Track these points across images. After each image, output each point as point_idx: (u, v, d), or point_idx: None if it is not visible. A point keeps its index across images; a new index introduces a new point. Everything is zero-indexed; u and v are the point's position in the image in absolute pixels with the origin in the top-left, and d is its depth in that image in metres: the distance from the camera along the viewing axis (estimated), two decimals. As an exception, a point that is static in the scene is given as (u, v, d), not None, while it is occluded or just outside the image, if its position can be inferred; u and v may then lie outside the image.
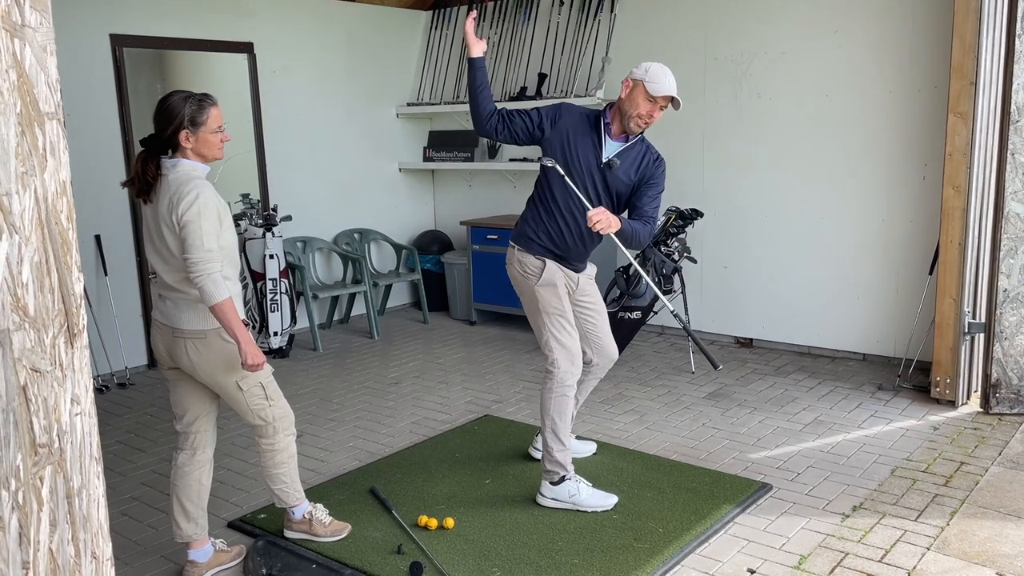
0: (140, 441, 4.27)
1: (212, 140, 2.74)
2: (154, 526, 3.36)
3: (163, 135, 2.71)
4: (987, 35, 4.05)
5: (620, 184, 3.35)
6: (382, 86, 6.85)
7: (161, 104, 2.72)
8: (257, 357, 2.71)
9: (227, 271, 2.73)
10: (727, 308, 5.75)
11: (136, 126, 5.37)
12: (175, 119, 2.69)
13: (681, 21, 5.61)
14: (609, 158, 3.30)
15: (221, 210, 2.73)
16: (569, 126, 3.35)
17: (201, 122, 2.71)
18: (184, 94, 2.73)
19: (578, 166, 3.32)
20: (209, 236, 2.64)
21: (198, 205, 2.64)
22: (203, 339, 2.76)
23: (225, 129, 2.79)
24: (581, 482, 3.37)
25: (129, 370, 5.36)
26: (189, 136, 2.70)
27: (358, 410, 4.63)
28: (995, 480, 3.50)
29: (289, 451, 3.03)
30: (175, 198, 2.66)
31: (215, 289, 2.61)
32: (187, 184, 2.67)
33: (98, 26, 5.13)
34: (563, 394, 3.36)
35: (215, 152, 2.77)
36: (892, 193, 5.00)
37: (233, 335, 2.68)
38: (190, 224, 2.62)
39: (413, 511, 3.34)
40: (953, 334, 4.33)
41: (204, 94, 2.77)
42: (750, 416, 4.36)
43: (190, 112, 2.69)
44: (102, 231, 5.22)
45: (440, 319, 6.74)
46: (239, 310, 2.75)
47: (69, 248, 1.08)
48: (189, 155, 2.73)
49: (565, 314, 3.39)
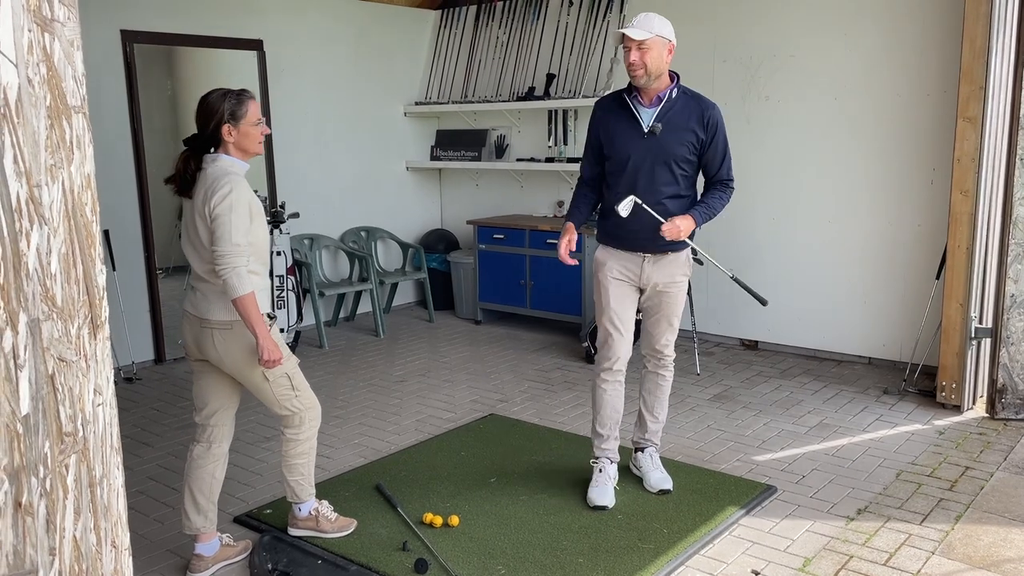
0: (146, 436, 4.29)
1: (253, 132, 2.81)
2: (160, 520, 3.37)
3: (205, 131, 2.79)
4: (997, 39, 4.05)
5: (677, 147, 3.18)
6: (390, 84, 6.87)
7: (202, 102, 2.80)
8: (274, 353, 2.75)
9: (254, 266, 2.79)
10: (733, 310, 5.75)
11: (146, 122, 5.40)
12: (216, 114, 2.76)
13: (690, 23, 5.62)
14: (650, 125, 3.19)
15: (254, 207, 2.79)
16: (603, 118, 3.31)
17: (241, 115, 2.78)
18: (222, 91, 2.81)
19: (625, 151, 3.23)
20: (238, 231, 2.70)
21: (230, 200, 2.70)
22: (229, 330, 2.80)
23: (263, 122, 2.86)
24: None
25: (136, 365, 5.38)
26: (231, 130, 2.77)
27: (363, 407, 4.65)
28: (1000, 485, 3.50)
29: (311, 443, 3.07)
30: (209, 191, 2.72)
31: (238, 283, 2.67)
32: (222, 179, 2.74)
33: (109, 22, 5.15)
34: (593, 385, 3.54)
35: (255, 145, 2.84)
36: (900, 197, 5.00)
37: (252, 329, 2.72)
38: (220, 217, 2.69)
39: (418, 508, 3.35)
40: (960, 339, 4.34)
41: (242, 89, 2.85)
42: (755, 418, 4.37)
43: (230, 107, 2.77)
44: (111, 226, 5.24)
45: (445, 318, 6.75)
46: (265, 304, 2.82)
47: (93, 240, 1.09)
48: (231, 150, 2.81)
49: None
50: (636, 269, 3.34)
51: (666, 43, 3.14)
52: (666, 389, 3.55)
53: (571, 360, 5.45)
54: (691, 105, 3.22)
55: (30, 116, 0.96)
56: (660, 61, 3.12)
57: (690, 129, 3.20)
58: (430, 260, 6.83)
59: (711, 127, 3.21)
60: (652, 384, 3.54)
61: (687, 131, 3.20)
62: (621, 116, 3.26)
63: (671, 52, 3.17)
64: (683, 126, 3.20)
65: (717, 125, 3.22)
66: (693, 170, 3.29)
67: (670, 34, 3.15)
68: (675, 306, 3.40)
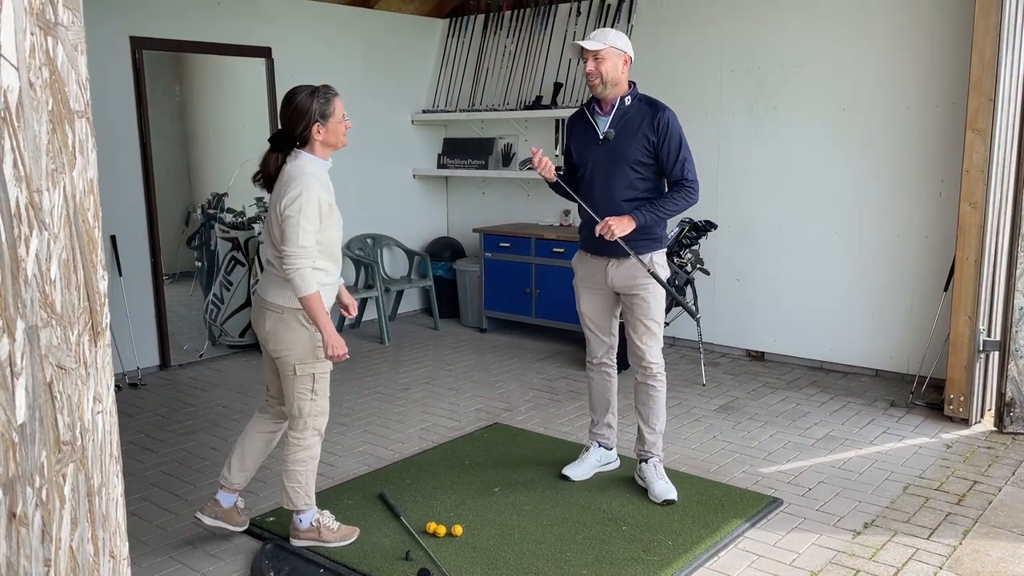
0: (151, 442, 4.28)
1: (339, 129, 2.96)
2: (163, 527, 3.36)
3: (294, 132, 2.91)
4: (1007, 51, 4.03)
5: (630, 151, 3.33)
6: (398, 93, 6.88)
7: (289, 103, 2.93)
8: (338, 349, 2.89)
9: (323, 263, 2.92)
10: (740, 321, 5.73)
11: (154, 128, 5.41)
12: (306, 115, 2.89)
13: (698, 33, 5.62)
14: (604, 132, 3.37)
15: (324, 207, 2.88)
16: (571, 129, 3.54)
17: (330, 114, 2.92)
18: (308, 89, 2.93)
19: (585, 158, 3.44)
20: (306, 233, 2.81)
21: (300, 202, 2.81)
22: (280, 314, 2.93)
23: (347, 118, 3.00)
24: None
25: (141, 370, 5.38)
26: (320, 129, 2.91)
27: (368, 415, 4.63)
28: (1008, 500, 3.47)
29: (312, 452, 3.09)
30: (283, 190, 2.86)
31: (303, 284, 2.82)
32: (296, 179, 2.85)
33: (118, 28, 5.17)
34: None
35: (341, 140, 2.98)
36: (908, 208, 4.98)
37: (317, 325, 2.88)
38: (290, 219, 2.81)
39: (422, 518, 3.33)
40: (968, 352, 4.30)
41: (325, 86, 2.98)
42: (761, 430, 4.34)
43: (319, 107, 2.90)
44: (118, 232, 5.25)
45: (451, 326, 6.74)
46: (330, 300, 2.99)
47: (95, 246, 1.08)
48: (316, 148, 2.93)
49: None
50: (601, 273, 3.50)
51: (621, 54, 3.34)
52: (658, 399, 3.53)
53: (576, 369, 5.42)
54: (644, 110, 3.37)
55: (31, 120, 0.95)
56: (616, 71, 3.33)
57: (642, 133, 3.34)
58: (436, 268, 6.83)
59: (662, 129, 3.31)
60: (643, 395, 3.56)
61: (639, 135, 3.34)
62: (583, 126, 3.49)
63: (627, 63, 3.38)
64: (635, 130, 3.35)
65: (668, 126, 3.32)
66: (651, 173, 3.38)
67: (625, 46, 3.36)
68: (644, 310, 3.44)
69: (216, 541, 3.23)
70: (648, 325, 3.45)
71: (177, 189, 6.60)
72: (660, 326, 3.49)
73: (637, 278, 3.41)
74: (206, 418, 4.63)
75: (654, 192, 3.40)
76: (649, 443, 3.57)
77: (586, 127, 3.45)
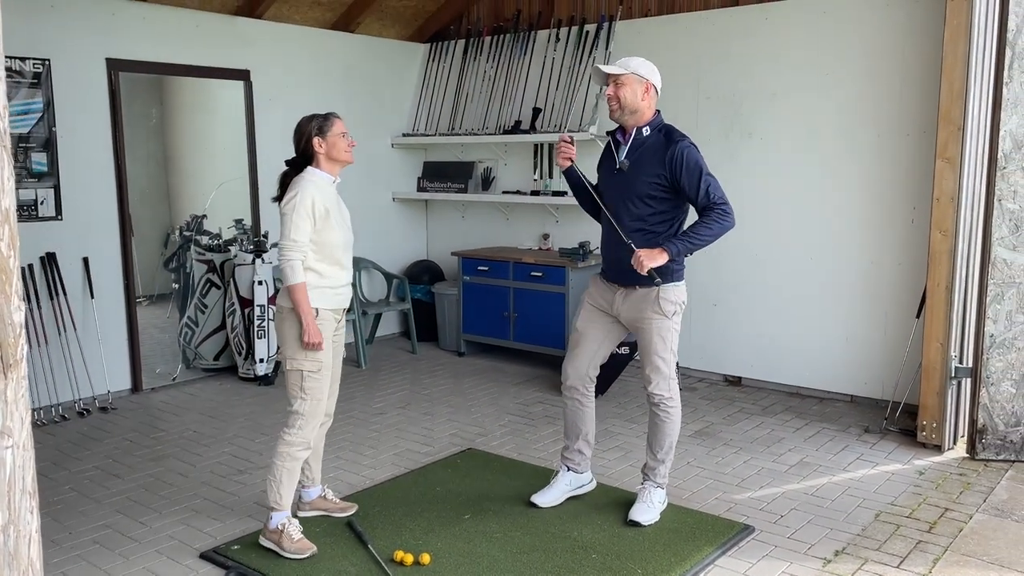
0: (117, 467, 4.22)
1: (339, 142, 3.26)
2: (124, 555, 3.30)
3: (299, 146, 3.27)
4: (975, 82, 4.09)
5: (642, 184, 3.28)
6: (378, 116, 6.89)
7: (295, 128, 3.29)
8: (314, 337, 3.15)
9: (318, 264, 3.20)
10: (716, 346, 5.73)
11: (130, 150, 5.39)
12: (307, 131, 3.24)
13: (674, 60, 5.67)
14: (620, 162, 3.34)
15: (318, 210, 3.16)
16: (604, 153, 3.51)
17: (328, 128, 3.25)
18: (311, 115, 3.28)
19: (604, 185, 3.47)
20: (297, 228, 3.12)
21: (294, 202, 3.15)
22: (281, 313, 3.24)
23: (348, 135, 3.29)
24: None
25: (112, 394, 5.31)
26: (320, 142, 3.24)
27: (340, 440, 4.58)
28: (979, 528, 3.46)
29: (292, 452, 3.24)
30: (287, 195, 3.20)
31: (291, 274, 3.14)
32: (297, 184, 3.21)
33: (94, 50, 5.15)
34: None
35: (343, 154, 3.28)
36: (881, 236, 5.02)
37: (299, 313, 3.15)
38: (284, 216, 3.16)
39: (390, 546, 3.29)
40: (940, 378, 4.32)
41: (329, 112, 3.33)
42: (735, 456, 4.32)
43: (317, 123, 3.25)
44: (91, 254, 5.20)
45: (429, 349, 6.70)
46: (332, 301, 3.27)
47: (9, 277, 1.06)
48: (321, 162, 3.26)
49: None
50: (610, 298, 3.48)
51: (643, 81, 3.29)
52: (664, 430, 3.47)
53: (553, 394, 5.40)
54: (660, 143, 3.31)
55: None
56: (635, 98, 3.29)
57: (655, 167, 3.28)
58: (414, 291, 6.81)
59: (676, 163, 3.25)
60: (651, 422, 3.53)
61: (652, 169, 3.29)
62: (607, 152, 3.47)
63: (648, 91, 3.31)
64: (650, 164, 3.30)
65: (682, 158, 3.24)
66: (665, 207, 3.33)
67: (648, 74, 3.31)
68: (650, 343, 3.39)
69: (179, 569, 3.17)
70: (653, 360, 3.39)
71: (155, 211, 6.56)
72: (667, 362, 3.41)
73: (645, 311, 3.36)
74: (176, 443, 4.57)
75: (665, 226, 3.33)
76: (649, 467, 3.56)
77: (609, 154, 3.43)
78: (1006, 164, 4.05)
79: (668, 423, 3.47)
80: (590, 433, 3.68)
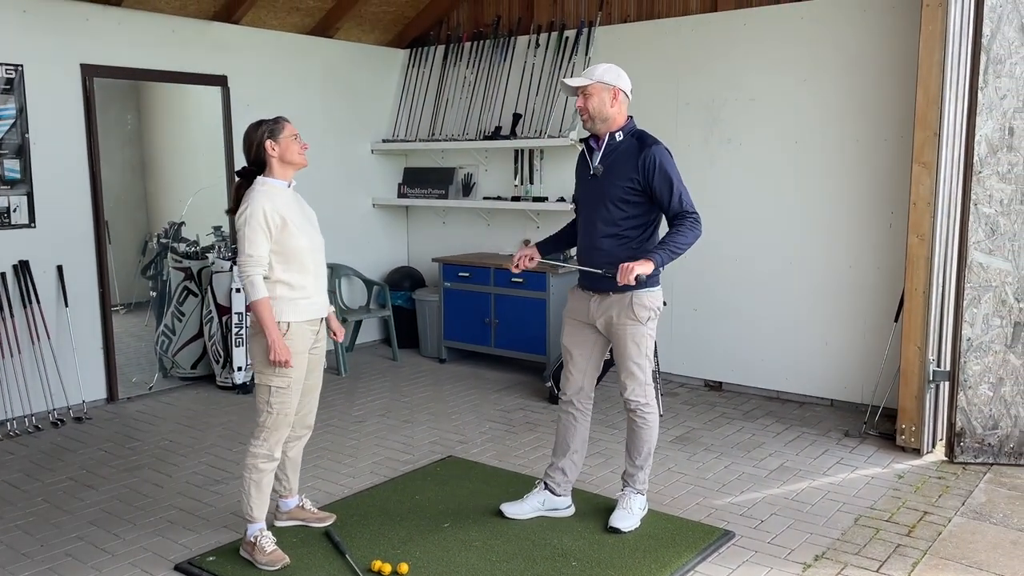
0: (91, 478, 4.15)
1: (292, 145, 3.15)
2: (98, 567, 3.24)
3: (251, 154, 3.16)
4: (950, 87, 4.12)
5: (614, 189, 3.28)
6: (358, 122, 6.85)
7: (244, 135, 3.19)
8: (281, 354, 3.06)
9: (287, 276, 3.11)
10: (697, 351, 5.73)
11: (105, 155, 5.32)
12: (257, 136, 3.14)
13: (653, 65, 5.68)
14: (594, 168, 3.35)
15: (274, 218, 3.05)
16: (578, 161, 3.52)
17: (279, 131, 3.14)
18: (258, 121, 3.18)
19: (578, 192, 3.49)
20: (252, 244, 3.03)
21: (246, 215, 3.05)
22: (255, 326, 3.15)
23: (300, 138, 3.18)
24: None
25: (87, 404, 5.23)
26: (273, 145, 3.13)
27: (319, 449, 4.54)
28: (958, 531, 3.47)
29: (258, 467, 3.19)
30: (239, 209, 3.10)
31: (251, 290, 3.06)
32: (249, 196, 3.09)
33: (69, 55, 5.09)
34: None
35: (296, 156, 3.16)
36: (859, 240, 5.04)
37: (264, 330, 3.06)
38: (239, 231, 3.07)
39: (368, 555, 3.25)
40: (918, 382, 4.34)
41: (278, 116, 3.23)
42: (716, 461, 4.32)
43: (268, 128, 3.14)
44: (65, 262, 5.13)
45: (410, 356, 6.66)
46: (306, 313, 3.19)
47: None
48: (275, 167, 3.15)
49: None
50: (585, 307, 3.47)
51: (609, 88, 3.29)
52: (642, 436, 3.46)
53: (534, 400, 5.38)
54: (632, 147, 3.31)
55: None
56: (604, 106, 3.29)
57: (628, 171, 3.28)
58: (395, 298, 6.77)
59: (648, 166, 3.24)
60: (629, 428, 3.52)
61: (625, 174, 3.29)
62: (582, 158, 3.49)
63: (616, 96, 3.30)
64: (623, 168, 3.30)
65: (654, 163, 3.24)
66: (637, 211, 3.32)
67: (614, 79, 3.29)
68: (624, 348, 3.38)
69: (153, 582, 3.12)
70: (628, 366, 3.39)
71: (132, 218, 6.49)
72: (642, 368, 3.39)
73: (620, 316, 3.35)
74: (152, 453, 4.50)
75: (637, 231, 3.32)
76: (628, 474, 3.55)
77: (584, 160, 3.44)
78: (982, 168, 4.08)
79: (645, 429, 3.45)
80: (577, 453, 3.59)
